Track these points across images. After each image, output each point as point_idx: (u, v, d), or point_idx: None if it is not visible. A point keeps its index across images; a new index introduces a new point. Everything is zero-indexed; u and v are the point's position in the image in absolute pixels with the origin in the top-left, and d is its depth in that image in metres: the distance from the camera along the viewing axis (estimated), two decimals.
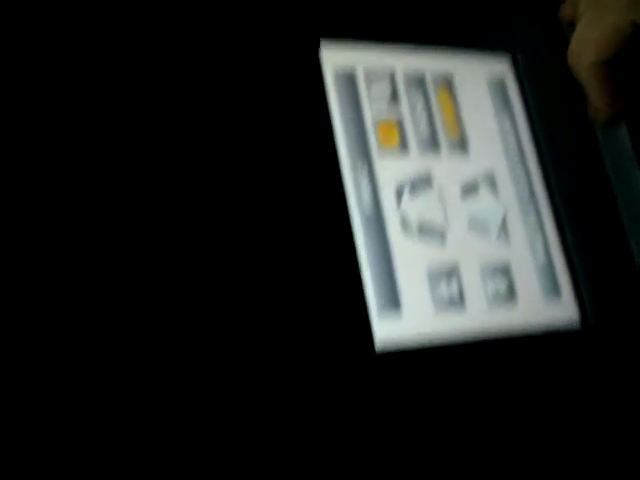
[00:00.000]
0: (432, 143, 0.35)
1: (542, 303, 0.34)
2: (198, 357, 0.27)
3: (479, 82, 0.38)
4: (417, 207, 0.34)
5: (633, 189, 0.37)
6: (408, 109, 0.35)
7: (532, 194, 0.36)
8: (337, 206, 0.32)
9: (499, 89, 0.38)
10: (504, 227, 0.35)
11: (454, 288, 0.33)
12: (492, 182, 0.36)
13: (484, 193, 0.35)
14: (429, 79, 0.36)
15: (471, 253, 0.34)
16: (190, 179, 0.30)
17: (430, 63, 0.37)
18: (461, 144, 0.36)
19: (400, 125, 0.35)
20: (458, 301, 0.32)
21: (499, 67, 0.38)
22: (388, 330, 0.31)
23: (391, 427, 0.29)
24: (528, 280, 0.34)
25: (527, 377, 0.32)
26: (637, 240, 0.36)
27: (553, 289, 0.34)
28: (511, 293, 0.33)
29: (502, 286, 0.33)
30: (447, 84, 0.37)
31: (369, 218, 0.32)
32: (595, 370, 0.33)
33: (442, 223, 0.34)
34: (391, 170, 0.34)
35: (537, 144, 0.37)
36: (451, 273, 0.33)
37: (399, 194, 0.33)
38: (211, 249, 0.29)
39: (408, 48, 0.36)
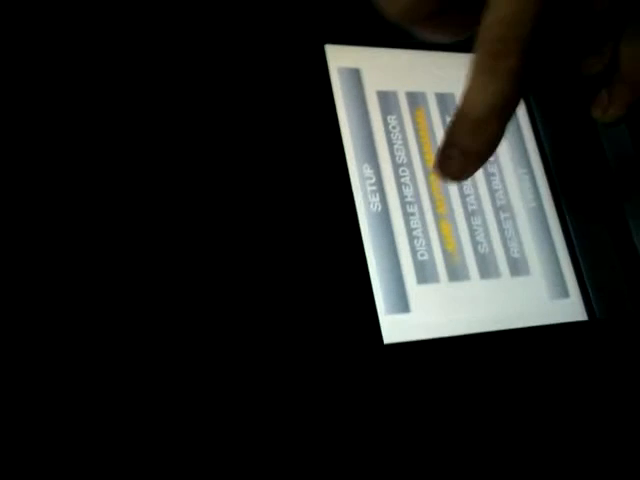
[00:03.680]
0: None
1: (550, 302, 0.34)
2: (204, 350, 0.28)
3: None
4: None
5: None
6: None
7: (536, 192, 0.37)
8: (344, 203, 0.32)
9: None
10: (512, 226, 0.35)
11: (461, 285, 0.33)
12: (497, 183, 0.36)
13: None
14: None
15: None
16: (193, 177, 0.30)
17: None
18: None
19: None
20: (465, 299, 0.33)
21: None
22: (396, 323, 0.31)
23: (398, 420, 0.29)
24: (535, 279, 0.34)
25: (534, 369, 0.32)
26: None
27: (560, 288, 0.35)
28: (519, 291, 0.34)
29: (509, 284, 0.34)
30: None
31: (375, 215, 0.33)
32: (601, 363, 0.33)
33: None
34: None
35: (540, 145, 0.38)
36: (458, 270, 0.33)
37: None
38: (219, 248, 0.29)
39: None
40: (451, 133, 0.27)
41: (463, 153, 0.27)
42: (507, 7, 0.24)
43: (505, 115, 0.26)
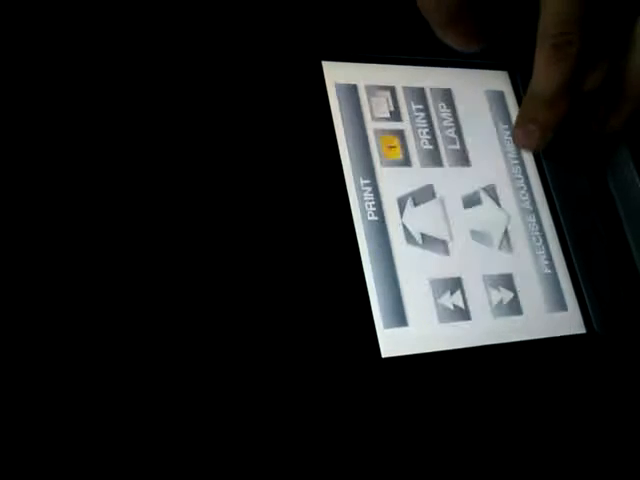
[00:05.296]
0: (434, 155, 0.36)
1: (547, 315, 0.34)
2: (204, 363, 0.28)
3: (478, 93, 0.39)
4: (420, 218, 0.34)
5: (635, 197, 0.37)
6: (409, 121, 0.36)
7: (533, 204, 0.37)
8: (341, 216, 0.32)
9: (498, 101, 0.39)
10: (507, 238, 0.35)
11: (458, 298, 0.33)
12: (494, 193, 0.36)
13: (486, 204, 0.36)
14: (429, 92, 0.37)
15: (474, 263, 0.34)
16: (191, 186, 0.30)
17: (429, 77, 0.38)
18: (462, 156, 0.37)
19: (402, 137, 0.36)
20: (462, 312, 0.33)
21: (498, 81, 0.39)
22: (393, 337, 0.31)
23: (397, 434, 0.29)
24: (532, 292, 0.34)
25: (533, 382, 0.32)
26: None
27: (558, 301, 0.35)
28: (516, 304, 0.34)
29: (506, 297, 0.34)
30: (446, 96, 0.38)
31: (372, 228, 0.33)
32: (600, 376, 0.33)
33: (445, 234, 0.34)
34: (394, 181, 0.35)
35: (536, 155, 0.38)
36: (455, 283, 0.33)
37: (402, 205, 0.34)
38: (216, 258, 0.30)
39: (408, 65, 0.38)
40: (528, 111, 0.34)
41: (541, 126, 0.33)
42: (559, 3, 0.30)
43: (572, 91, 0.32)
